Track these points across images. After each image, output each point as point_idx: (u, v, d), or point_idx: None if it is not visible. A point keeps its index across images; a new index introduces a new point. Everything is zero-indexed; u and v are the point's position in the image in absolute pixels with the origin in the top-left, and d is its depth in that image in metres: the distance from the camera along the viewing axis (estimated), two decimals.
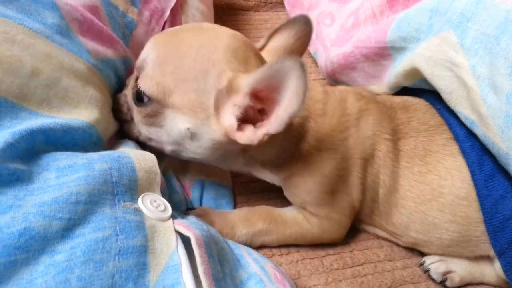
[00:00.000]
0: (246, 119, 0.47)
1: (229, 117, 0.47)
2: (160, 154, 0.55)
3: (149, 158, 0.43)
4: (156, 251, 0.35)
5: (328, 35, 0.81)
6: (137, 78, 0.50)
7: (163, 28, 0.66)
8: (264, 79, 0.43)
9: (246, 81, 0.45)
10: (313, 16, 0.89)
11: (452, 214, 0.56)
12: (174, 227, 0.38)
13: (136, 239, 0.34)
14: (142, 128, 0.52)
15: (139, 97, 0.49)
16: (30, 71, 0.39)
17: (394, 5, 0.70)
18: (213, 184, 0.63)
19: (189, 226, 0.38)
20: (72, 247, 0.31)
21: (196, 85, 0.47)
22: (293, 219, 0.59)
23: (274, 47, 0.58)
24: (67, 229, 0.32)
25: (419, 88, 0.64)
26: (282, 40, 0.58)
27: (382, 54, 0.66)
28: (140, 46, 0.54)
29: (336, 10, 0.83)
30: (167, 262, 0.35)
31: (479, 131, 0.50)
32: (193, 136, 0.49)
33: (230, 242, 0.49)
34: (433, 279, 0.60)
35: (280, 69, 0.41)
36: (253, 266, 0.44)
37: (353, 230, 0.64)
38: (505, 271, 0.54)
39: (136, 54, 0.54)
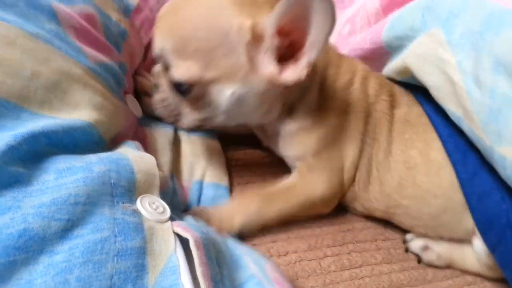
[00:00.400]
0: (281, 59, 0.48)
1: (266, 65, 0.48)
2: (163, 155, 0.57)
3: (148, 161, 0.43)
4: (155, 252, 0.35)
5: None
6: (165, 69, 0.51)
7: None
8: (287, 12, 0.44)
9: (268, 23, 0.45)
10: None
11: (438, 178, 0.58)
12: (172, 228, 0.38)
13: (134, 241, 0.35)
14: (193, 115, 0.54)
15: (179, 88, 0.50)
16: (30, 73, 0.39)
17: (389, 13, 0.71)
18: (211, 185, 0.63)
19: (187, 228, 0.39)
20: (71, 248, 0.31)
21: (222, 51, 0.47)
22: (283, 188, 0.59)
23: None
24: (66, 230, 0.32)
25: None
26: None
27: (377, 53, 0.67)
28: (131, 55, 0.55)
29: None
30: (165, 263, 0.35)
31: (465, 126, 0.51)
32: (240, 99, 0.50)
33: (230, 242, 0.49)
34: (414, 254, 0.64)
35: None
36: (252, 267, 0.44)
37: (351, 232, 0.64)
38: (500, 266, 0.55)
39: (127, 63, 0.55)
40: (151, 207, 0.39)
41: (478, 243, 0.57)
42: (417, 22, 0.58)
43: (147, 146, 0.58)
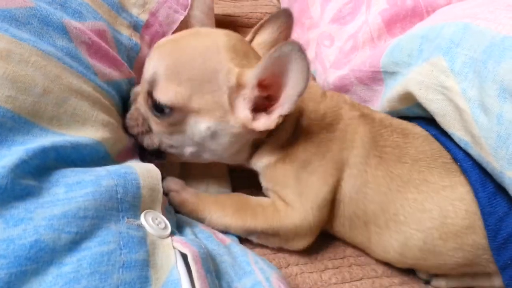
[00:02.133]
0: (257, 108, 0.52)
1: (243, 110, 0.52)
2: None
3: (154, 175, 0.45)
4: (157, 266, 0.37)
5: (327, 56, 0.84)
6: (149, 92, 0.53)
7: None
8: (268, 68, 0.48)
9: (252, 74, 0.50)
10: (313, 36, 0.91)
11: (457, 243, 0.55)
12: (172, 244, 0.40)
13: (138, 254, 0.36)
14: (162, 137, 0.55)
15: (159, 109, 0.52)
16: (42, 90, 0.41)
17: (392, 28, 0.72)
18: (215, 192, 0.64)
19: (186, 243, 0.40)
20: (79, 259, 0.33)
21: (210, 87, 0.51)
22: (264, 209, 0.59)
23: (261, 41, 0.63)
24: (75, 243, 0.33)
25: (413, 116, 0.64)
26: (267, 34, 0.63)
27: (374, 78, 0.68)
28: (142, 69, 0.56)
29: (336, 31, 0.85)
30: (167, 277, 0.37)
31: (473, 151, 0.52)
32: (213, 135, 0.53)
33: (238, 249, 0.50)
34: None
35: (280, 55, 0.46)
36: (259, 275, 0.45)
37: (352, 245, 0.65)
38: (506, 285, 0.55)
39: (140, 76, 0.56)
40: (153, 223, 0.41)
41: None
42: (415, 50, 0.60)
43: None
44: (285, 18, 0.63)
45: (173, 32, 0.70)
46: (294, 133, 0.59)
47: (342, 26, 0.83)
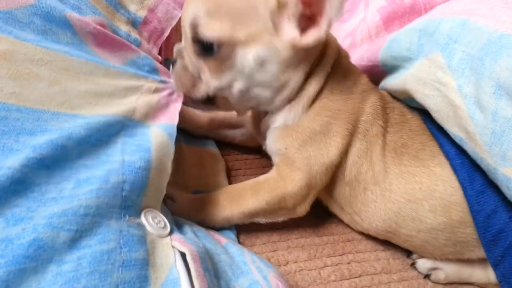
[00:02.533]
0: (303, 27, 0.51)
1: (289, 30, 0.52)
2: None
3: (164, 176, 0.45)
4: (156, 265, 0.37)
5: None
6: (193, 38, 0.54)
7: (160, 48, 0.68)
8: None
9: None
10: None
11: (446, 217, 0.57)
12: (171, 243, 0.40)
13: (138, 253, 0.36)
14: (212, 81, 0.56)
15: (207, 49, 0.53)
16: (47, 83, 0.41)
17: (390, 26, 0.72)
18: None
19: (185, 242, 0.40)
20: (79, 257, 0.33)
21: (251, 15, 0.51)
22: (255, 183, 0.60)
23: None
24: (74, 240, 0.33)
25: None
26: None
27: (373, 71, 0.68)
28: None
29: (334, 29, 0.84)
30: (166, 276, 0.36)
31: (468, 147, 0.52)
32: (262, 63, 0.53)
33: (234, 249, 0.50)
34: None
35: None
36: (256, 274, 0.45)
37: (351, 242, 0.65)
38: (499, 281, 0.56)
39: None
40: (153, 221, 0.41)
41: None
42: (414, 44, 0.60)
43: None
44: None
45: (172, 29, 0.70)
46: (320, 91, 0.59)
47: (340, 24, 0.83)
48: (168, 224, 0.42)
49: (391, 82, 0.65)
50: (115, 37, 0.54)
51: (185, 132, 0.75)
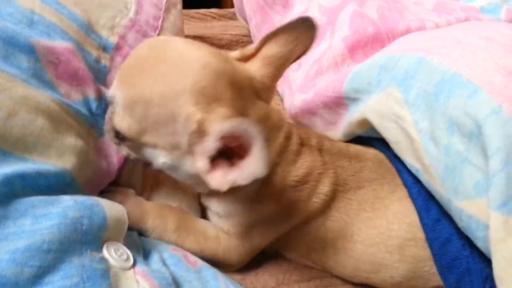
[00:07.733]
0: (223, 154, 0.46)
1: (200, 159, 0.46)
2: None
3: (120, 208, 0.44)
4: None
5: (294, 80, 0.86)
6: (109, 115, 0.52)
7: None
8: (233, 132, 0.42)
9: (216, 127, 0.43)
10: None
11: (400, 255, 0.58)
12: (135, 276, 0.40)
13: (101, 287, 0.36)
14: (130, 152, 0.54)
15: (117, 133, 0.51)
16: (6, 113, 0.40)
17: (354, 54, 0.75)
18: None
19: (148, 276, 0.41)
20: None
21: (166, 130, 0.48)
22: (206, 239, 0.58)
23: (270, 54, 0.55)
24: (37, 277, 0.33)
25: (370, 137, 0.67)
26: (278, 46, 0.54)
27: (338, 103, 0.70)
28: None
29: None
30: None
31: (423, 178, 0.54)
32: (171, 168, 0.51)
33: (208, 272, 0.50)
34: None
35: (246, 131, 0.40)
36: None
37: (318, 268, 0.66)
38: None
39: None
40: (116, 254, 0.41)
41: None
42: (374, 79, 0.62)
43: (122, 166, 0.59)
44: (305, 28, 0.54)
45: None
46: (260, 187, 0.55)
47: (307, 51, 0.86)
48: (131, 256, 0.42)
49: (352, 116, 0.67)
50: (78, 70, 0.53)
51: None
